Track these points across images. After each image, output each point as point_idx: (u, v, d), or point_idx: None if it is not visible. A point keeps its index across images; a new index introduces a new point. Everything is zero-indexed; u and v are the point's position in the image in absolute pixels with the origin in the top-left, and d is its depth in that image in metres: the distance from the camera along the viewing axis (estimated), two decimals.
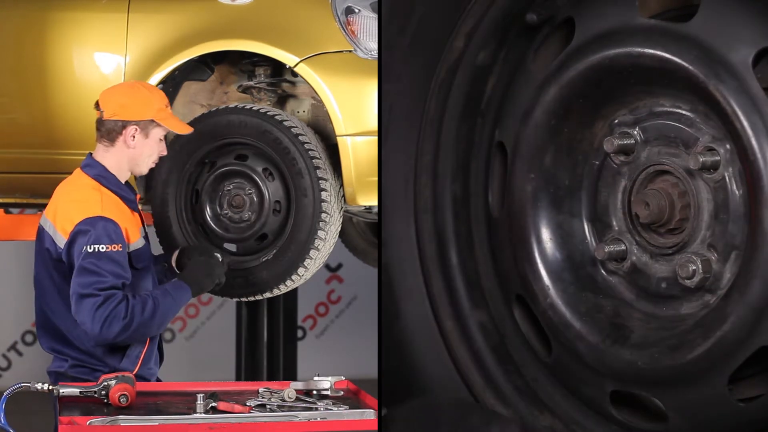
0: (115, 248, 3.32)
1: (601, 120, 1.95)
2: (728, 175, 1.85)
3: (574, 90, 1.92)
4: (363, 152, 3.73)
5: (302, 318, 8.14)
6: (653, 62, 1.83)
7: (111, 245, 3.32)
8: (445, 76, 2.08)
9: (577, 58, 1.90)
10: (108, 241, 3.34)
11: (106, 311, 3.34)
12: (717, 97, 1.79)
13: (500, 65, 2.06)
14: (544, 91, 1.94)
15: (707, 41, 1.79)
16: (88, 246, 3.32)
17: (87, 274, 3.36)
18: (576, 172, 1.98)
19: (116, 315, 3.35)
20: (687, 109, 1.89)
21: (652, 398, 1.87)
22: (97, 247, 3.33)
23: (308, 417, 2.93)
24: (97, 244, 3.34)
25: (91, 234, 3.34)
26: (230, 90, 4.23)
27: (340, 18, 3.79)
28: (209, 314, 8.29)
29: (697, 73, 1.80)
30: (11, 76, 4.18)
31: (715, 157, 1.85)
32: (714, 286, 1.85)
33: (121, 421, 2.84)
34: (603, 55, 1.87)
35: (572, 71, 1.91)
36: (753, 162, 1.77)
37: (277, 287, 3.92)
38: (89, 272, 3.36)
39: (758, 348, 1.77)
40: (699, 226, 1.87)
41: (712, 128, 1.86)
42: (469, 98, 2.08)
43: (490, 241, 2.16)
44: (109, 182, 3.47)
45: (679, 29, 1.81)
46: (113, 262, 3.38)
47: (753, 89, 1.77)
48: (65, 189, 3.49)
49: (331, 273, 8.42)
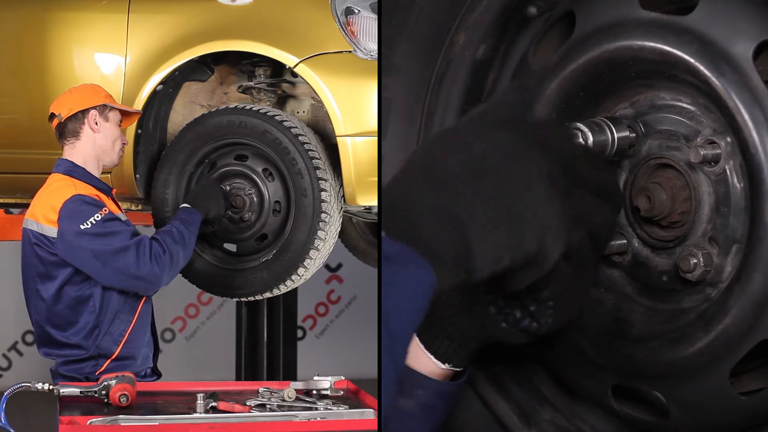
0: (106, 211, 3.40)
1: (601, 113, 1.95)
2: (729, 168, 1.84)
3: (574, 83, 1.92)
4: (363, 152, 3.73)
5: (302, 318, 8.15)
6: (654, 55, 1.83)
7: (101, 210, 3.41)
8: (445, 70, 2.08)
9: (577, 52, 1.90)
10: (96, 209, 3.43)
11: (145, 254, 3.43)
12: (718, 90, 1.79)
13: (500, 59, 2.06)
14: (545, 84, 1.93)
15: (708, 34, 1.78)
16: (84, 223, 3.38)
17: (103, 237, 3.41)
18: None
19: (156, 253, 3.45)
20: (688, 102, 1.89)
21: (654, 392, 1.87)
22: (93, 219, 3.41)
23: (308, 417, 2.94)
24: (91, 217, 3.42)
25: (79, 213, 3.40)
26: (230, 90, 4.24)
27: (340, 18, 3.80)
28: (209, 314, 8.30)
29: (697, 66, 1.80)
30: (11, 76, 4.20)
31: (716, 150, 1.85)
32: (715, 279, 1.85)
33: (121, 421, 2.84)
34: (603, 49, 1.87)
35: (572, 64, 1.91)
36: (754, 155, 1.76)
37: (277, 287, 3.92)
38: (104, 236, 3.42)
39: (760, 341, 1.77)
40: (700, 220, 1.86)
41: (712, 121, 1.86)
42: (469, 92, 2.08)
43: None
44: (79, 174, 3.55)
45: (679, 22, 1.81)
46: (114, 220, 3.45)
47: (754, 82, 1.77)
48: (40, 190, 3.57)
49: (331, 273, 8.43)
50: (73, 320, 3.50)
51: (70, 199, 3.42)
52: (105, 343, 3.53)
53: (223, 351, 7.08)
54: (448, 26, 2.07)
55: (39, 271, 3.50)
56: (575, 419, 2.00)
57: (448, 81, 2.08)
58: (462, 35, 2.06)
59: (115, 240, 3.39)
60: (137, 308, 3.58)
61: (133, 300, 3.56)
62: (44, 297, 3.50)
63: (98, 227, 3.38)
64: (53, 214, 3.42)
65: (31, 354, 7.68)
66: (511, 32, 2.05)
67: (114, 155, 3.66)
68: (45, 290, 3.50)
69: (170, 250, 3.46)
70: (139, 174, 4.05)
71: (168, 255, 3.44)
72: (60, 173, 3.56)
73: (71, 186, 3.48)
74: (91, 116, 3.59)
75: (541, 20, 2.02)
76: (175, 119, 4.16)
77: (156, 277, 3.45)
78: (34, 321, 3.58)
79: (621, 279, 1.98)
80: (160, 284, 3.51)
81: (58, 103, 3.63)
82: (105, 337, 3.53)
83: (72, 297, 3.49)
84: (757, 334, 1.76)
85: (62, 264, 3.46)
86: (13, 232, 4.67)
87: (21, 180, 4.18)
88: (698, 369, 1.80)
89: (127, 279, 3.43)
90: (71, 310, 3.50)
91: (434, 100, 2.09)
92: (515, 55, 2.04)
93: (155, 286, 3.51)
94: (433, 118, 2.09)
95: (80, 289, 3.48)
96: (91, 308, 3.50)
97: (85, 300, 3.49)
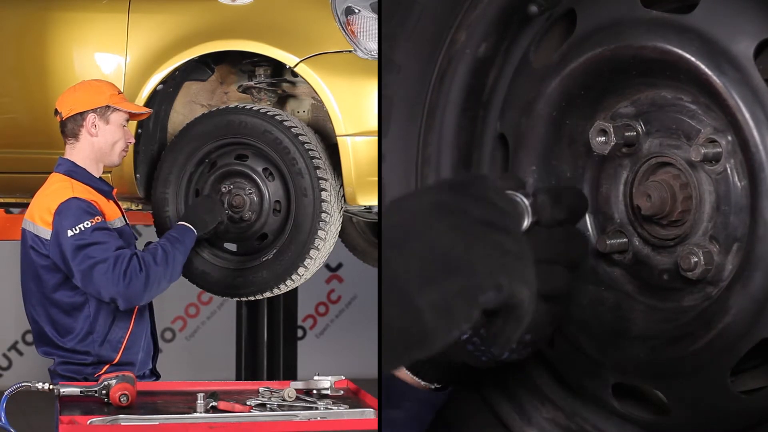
0: (98, 219, 3.38)
1: (602, 112, 1.95)
2: (730, 167, 1.84)
3: (575, 82, 1.92)
4: (363, 152, 3.74)
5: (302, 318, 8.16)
6: (654, 54, 1.83)
7: (93, 219, 3.39)
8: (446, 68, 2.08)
9: (578, 50, 1.90)
10: (89, 216, 3.41)
11: (120, 270, 3.39)
12: (718, 89, 1.78)
13: (501, 57, 2.06)
14: (546, 82, 1.93)
15: (709, 33, 1.78)
16: (72, 229, 3.38)
17: (85, 248, 3.39)
18: (578, 164, 1.98)
19: (133, 270, 3.40)
20: (689, 100, 1.88)
21: (655, 390, 1.87)
22: (82, 226, 3.39)
23: (308, 416, 2.94)
24: (80, 223, 3.40)
25: (70, 217, 3.39)
26: (230, 90, 4.24)
27: (340, 18, 3.80)
28: (209, 314, 8.31)
29: (698, 64, 1.80)
30: (11, 76, 4.20)
31: (717, 148, 1.85)
32: (716, 277, 1.85)
33: (121, 421, 2.85)
34: (604, 47, 1.87)
35: (573, 63, 1.90)
36: (755, 153, 1.76)
37: (277, 287, 3.92)
38: (86, 246, 3.40)
39: (760, 340, 1.77)
40: (701, 218, 1.86)
41: (713, 120, 1.86)
42: (470, 90, 2.07)
43: None
44: (79, 175, 3.54)
45: (680, 21, 1.81)
46: (103, 230, 3.43)
47: (754, 81, 1.76)
48: (39, 191, 3.56)
49: (331, 273, 8.43)
50: (69, 325, 3.50)
51: (65, 202, 3.42)
52: (104, 351, 3.53)
53: (223, 351, 7.08)
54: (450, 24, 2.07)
55: (35, 273, 3.50)
56: (576, 417, 2.00)
57: (449, 79, 2.08)
58: (463, 33, 2.06)
59: (96, 250, 3.36)
60: (133, 315, 3.58)
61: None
62: (40, 299, 3.50)
63: (83, 235, 3.36)
64: (49, 216, 3.42)
65: (31, 354, 7.68)
66: (513, 30, 2.05)
67: (114, 157, 3.65)
68: (41, 292, 3.50)
69: (148, 270, 3.41)
70: (139, 174, 4.06)
71: (144, 274, 3.39)
72: (60, 173, 3.56)
73: (69, 188, 3.48)
74: (89, 120, 3.57)
75: (543, 18, 2.02)
76: (175, 119, 4.17)
77: (127, 293, 3.39)
78: (32, 321, 3.58)
79: (621, 277, 1.98)
80: (135, 301, 3.45)
81: (62, 100, 3.62)
82: (104, 345, 3.53)
83: (66, 302, 3.49)
84: (758, 332, 1.76)
85: (55, 267, 3.45)
86: (13, 231, 4.67)
87: (21, 180, 4.18)
88: (699, 367, 1.80)
89: (102, 291, 3.41)
90: (66, 315, 3.50)
91: (435, 98, 2.09)
92: (516, 53, 2.04)
93: (130, 302, 3.45)
94: (433, 116, 2.09)
95: (74, 296, 3.48)
96: (86, 314, 3.49)
97: (80, 306, 3.49)
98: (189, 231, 3.65)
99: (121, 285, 3.36)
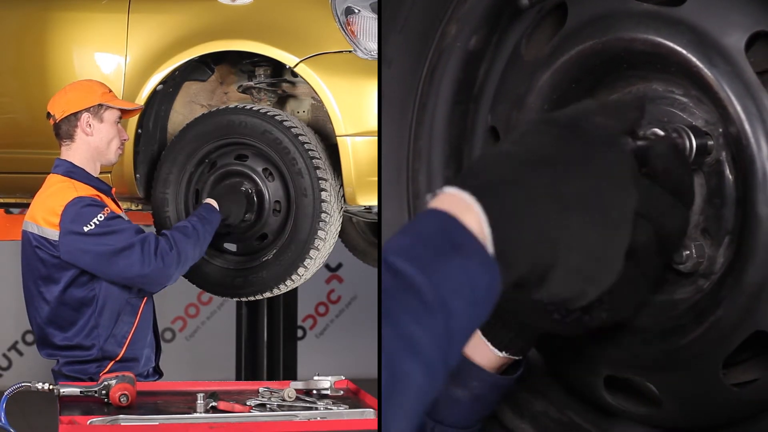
0: (108, 210, 3.40)
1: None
2: (721, 160, 1.84)
3: (566, 75, 1.91)
4: (363, 152, 3.74)
5: (302, 318, 8.16)
6: (645, 47, 1.82)
7: (104, 210, 3.40)
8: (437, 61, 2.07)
9: (569, 43, 1.90)
10: (99, 209, 3.42)
11: (151, 250, 3.42)
12: (710, 82, 1.78)
13: (492, 50, 2.06)
14: (537, 76, 1.93)
15: (700, 25, 1.78)
16: (88, 224, 3.38)
17: (106, 238, 3.41)
18: None
19: (163, 249, 3.43)
20: (680, 93, 1.88)
21: (646, 383, 1.86)
22: (96, 220, 3.41)
23: (308, 416, 2.94)
24: (94, 218, 3.42)
25: (83, 215, 3.40)
26: (230, 90, 4.25)
27: (340, 18, 3.81)
28: (209, 314, 8.31)
29: (689, 57, 1.79)
30: (11, 76, 4.21)
31: (709, 141, 1.85)
32: (707, 270, 1.84)
33: (121, 421, 2.85)
34: (595, 40, 1.87)
35: (565, 56, 1.90)
36: (746, 146, 1.76)
37: (277, 287, 3.93)
38: (106, 235, 3.41)
39: (752, 332, 1.76)
40: (693, 211, 1.86)
41: (705, 113, 1.85)
42: (461, 84, 2.07)
43: None
44: (78, 175, 3.55)
45: (671, 13, 1.80)
46: (116, 218, 3.45)
47: (746, 74, 1.76)
48: (39, 192, 3.57)
49: (331, 273, 8.44)
50: (75, 320, 3.51)
51: (71, 202, 3.43)
52: (109, 346, 3.53)
53: (223, 351, 7.09)
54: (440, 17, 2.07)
55: (41, 274, 3.50)
56: (568, 410, 1.99)
57: (440, 72, 2.08)
58: (453, 26, 2.06)
59: (119, 238, 3.40)
60: (139, 310, 3.58)
61: (135, 301, 3.57)
62: (48, 299, 3.50)
63: (102, 227, 3.39)
64: (54, 217, 3.43)
65: (31, 354, 7.69)
66: (503, 23, 2.05)
67: (111, 155, 3.66)
68: (49, 293, 3.50)
69: (178, 246, 3.46)
70: (139, 174, 4.07)
71: (175, 251, 3.45)
72: (59, 174, 3.57)
73: (71, 188, 3.48)
74: (83, 120, 3.58)
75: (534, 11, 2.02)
76: (175, 119, 4.18)
77: (162, 273, 3.45)
78: (35, 323, 3.58)
79: None
80: (167, 281, 3.51)
81: (53, 103, 3.64)
82: (109, 339, 3.54)
83: (77, 299, 3.50)
84: (750, 325, 1.75)
85: (65, 266, 3.46)
86: (13, 232, 4.68)
87: (21, 180, 4.19)
88: (691, 360, 1.80)
89: (132, 277, 3.44)
90: (74, 311, 3.51)
91: (426, 91, 2.09)
92: (507, 46, 2.04)
93: (161, 283, 3.51)
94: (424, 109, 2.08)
95: (85, 290, 3.49)
96: (92, 309, 3.50)
97: (89, 301, 3.50)
98: (215, 212, 3.69)
99: (153, 264, 3.39)
